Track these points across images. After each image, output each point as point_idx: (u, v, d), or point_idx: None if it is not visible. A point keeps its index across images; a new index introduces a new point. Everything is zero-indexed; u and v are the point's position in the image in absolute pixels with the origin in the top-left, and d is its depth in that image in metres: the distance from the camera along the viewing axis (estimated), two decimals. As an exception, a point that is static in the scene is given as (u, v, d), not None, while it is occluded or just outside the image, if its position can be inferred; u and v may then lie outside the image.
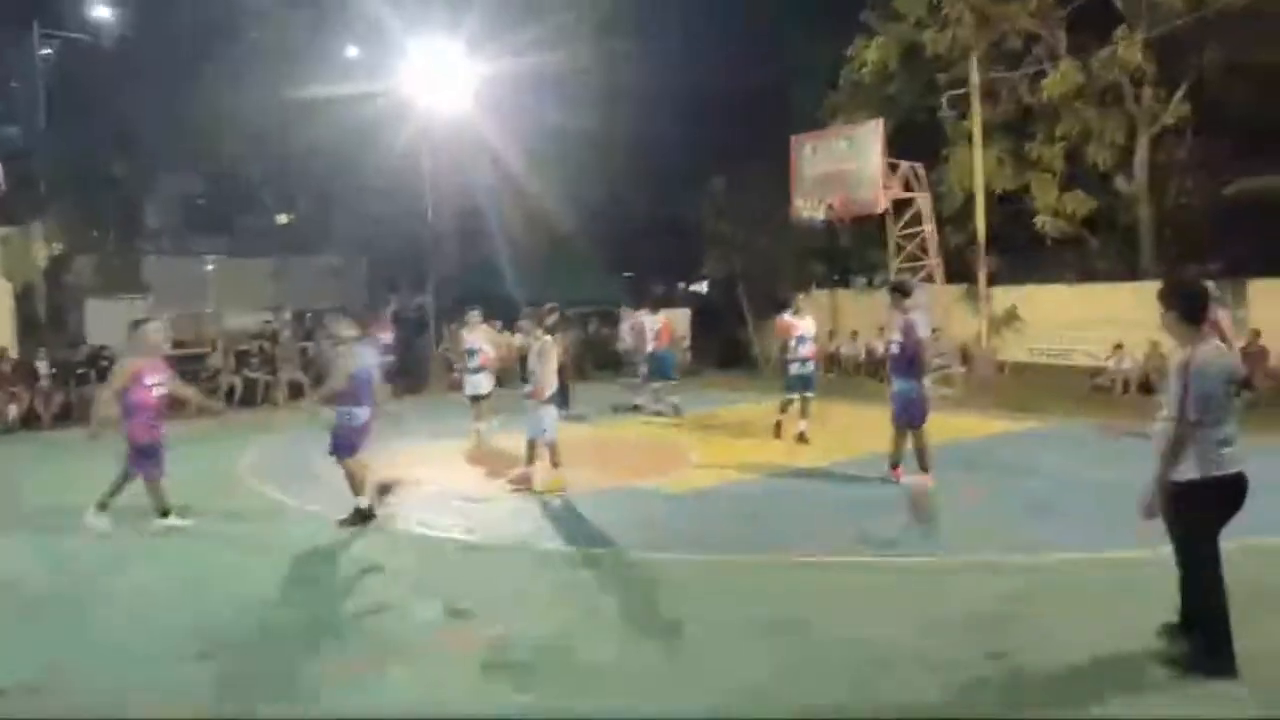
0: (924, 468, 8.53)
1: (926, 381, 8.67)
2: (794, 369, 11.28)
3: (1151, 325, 5.79)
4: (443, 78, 19.37)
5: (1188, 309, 4.27)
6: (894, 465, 8.72)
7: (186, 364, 17.49)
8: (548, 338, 8.99)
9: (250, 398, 16.92)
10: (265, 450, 11.90)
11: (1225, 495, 4.23)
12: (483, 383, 11.63)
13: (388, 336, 16.94)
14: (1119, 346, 15.64)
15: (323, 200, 26.04)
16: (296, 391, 16.77)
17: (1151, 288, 4.04)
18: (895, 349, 8.59)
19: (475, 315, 12.02)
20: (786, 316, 11.52)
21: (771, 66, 24.59)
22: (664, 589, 5.90)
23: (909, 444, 8.62)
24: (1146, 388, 14.11)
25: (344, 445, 7.59)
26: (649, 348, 14.88)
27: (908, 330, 8.38)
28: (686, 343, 21.73)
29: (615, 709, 4.19)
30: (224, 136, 24.09)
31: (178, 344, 19.96)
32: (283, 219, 28.26)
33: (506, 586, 5.97)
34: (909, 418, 8.51)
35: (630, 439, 12.41)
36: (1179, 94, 17.72)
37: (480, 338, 11.84)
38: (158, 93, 23.29)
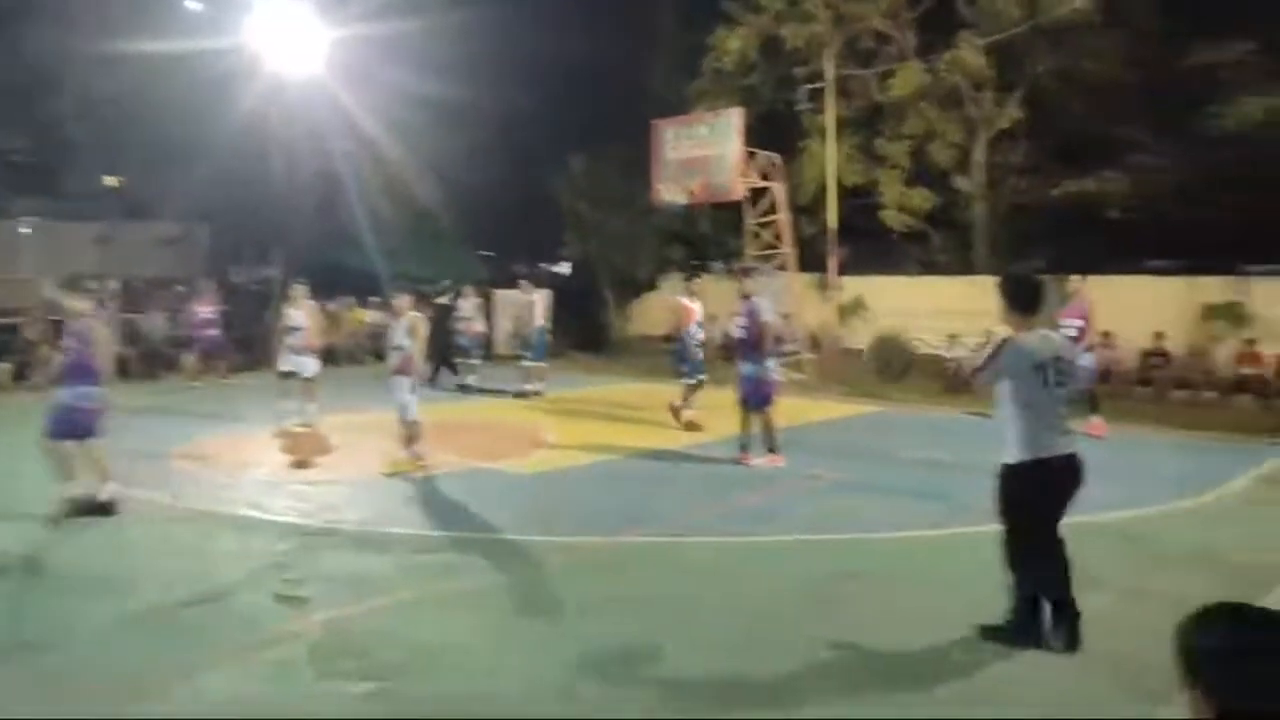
0: (771, 449, 8.78)
1: (771, 364, 8.85)
2: (699, 354, 11.19)
3: (985, 316, 6.12)
4: (292, 37, 18.33)
5: (1016, 299, 4.56)
6: (743, 448, 8.87)
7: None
8: (415, 313, 8.84)
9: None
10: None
11: (1040, 478, 4.42)
12: (309, 363, 10.90)
13: (207, 310, 16.06)
14: (953, 336, 16.54)
15: (159, 163, 24.25)
16: (121, 367, 15.60)
17: (985, 281, 4.36)
18: (741, 332, 8.83)
19: (302, 289, 11.24)
20: (684, 300, 11.37)
21: (636, 47, 24.61)
22: (508, 570, 5.81)
23: (756, 427, 8.83)
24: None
25: (62, 428, 6.90)
26: (539, 324, 14.75)
27: (751, 314, 8.70)
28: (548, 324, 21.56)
29: (455, 694, 4.08)
30: (48, 90, 22.07)
31: (-9, 312, 18.26)
32: (112, 181, 26.18)
33: (346, 572, 5.72)
34: (756, 400, 8.73)
35: (486, 420, 12.19)
36: (1014, 99, 18.86)
37: (306, 314, 11.10)
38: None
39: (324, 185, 24.22)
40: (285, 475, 8.45)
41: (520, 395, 13.95)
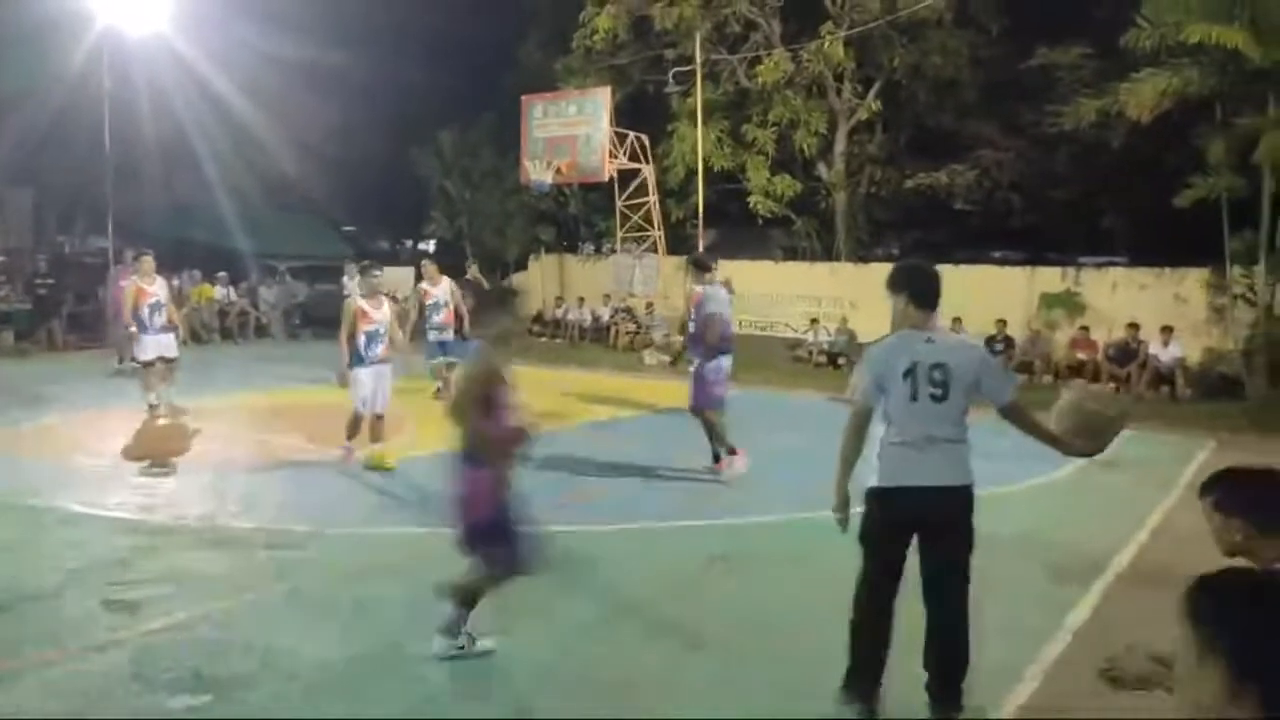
0: (729, 450, 7.88)
1: (724, 363, 7.92)
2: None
3: (844, 302, 6.25)
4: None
5: (905, 292, 3.75)
6: (716, 459, 7.95)
7: None
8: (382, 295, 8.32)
9: None
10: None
11: (886, 513, 3.62)
12: (171, 343, 10.05)
13: None
14: (815, 321, 17.03)
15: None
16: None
17: (845, 268, 4.29)
18: (692, 326, 8.06)
19: (148, 261, 10.15)
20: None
21: (506, 17, 24.02)
22: (348, 567, 5.55)
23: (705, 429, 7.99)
24: (834, 360, 15.50)
25: None
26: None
27: (698, 304, 7.87)
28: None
29: (297, 704, 3.84)
30: None
31: None
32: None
33: (182, 570, 5.34)
34: (701, 402, 7.86)
35: (337, 405, 11.65)
36: (873, 92, 19.50)
37: (160, 288, 10.18)
38: None
39: (168, 151, 22.57)
40: (125, 466, 7.81)
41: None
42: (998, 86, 18.91)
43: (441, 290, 11.24)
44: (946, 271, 4.21)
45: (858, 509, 3.72)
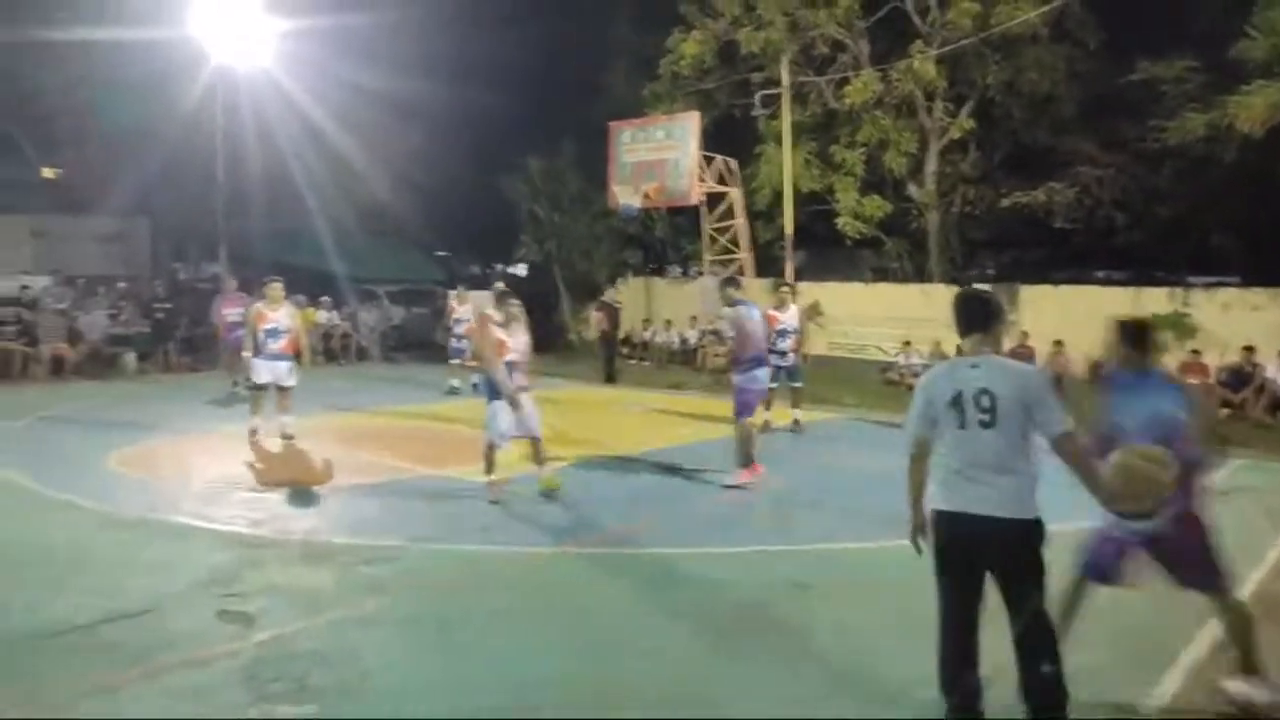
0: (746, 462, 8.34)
1: (760, 374, 8.55)
2: (776, 360, 10.76)
3: (937, 324, 6.14)
4: (240, 28, 17.91)
5: (957, 318, 3.76)
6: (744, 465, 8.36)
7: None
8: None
9: (6, 371, 15.09)
10: (18, 432, 10.62)
11: (942, 536, 3.61)
12: (287, 370, 10.00)
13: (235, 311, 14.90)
14: (907, 343, 16.70)
15: (99, 156, 23.51)
16: (59, 366, 15.13)
17: (938, 289, 4.22)
18: (730, 342, 8.65)
19: (275, 288, 10.13)
20: (771, 310, 10.93)
21: (594, 47, 24.50)
22: (450, 583, 5.68)
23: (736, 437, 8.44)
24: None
25: None
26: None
27: (735, 323, 8.46)
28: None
29: (398, 714, 3.94)
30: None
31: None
32: (48, 173, 25.32)
33: (286, 583, 5.54)
34: (738, 410, 8.37)
35: (435, 424, 11.98)
36: (965, 109, 19.14)
37: (286, 315, 10.11)
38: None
39: (272, 181, 23.68)
40: (235, 482, 8.18)
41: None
42: (1096, 101, 18.35)
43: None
44: (1046, 293, 4.18)
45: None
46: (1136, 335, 4.18)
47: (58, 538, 6.43)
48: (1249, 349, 13.00)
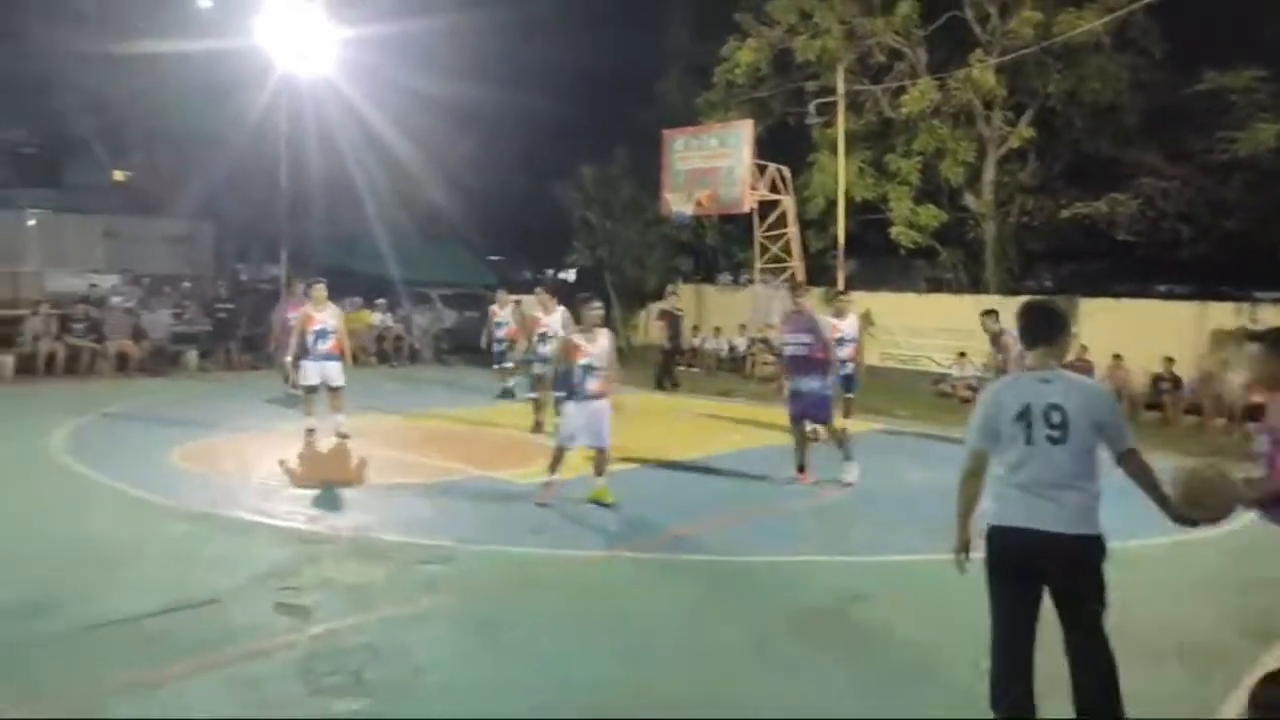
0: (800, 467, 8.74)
1: (815, 383, 8.61)
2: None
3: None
4: (303, 37, 18.35)
5: (1022, 331, 3.73)
6: (800, 468, 8.71)
7: (2, 326, 16.01)
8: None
9: (74, 367, 15.61)
10: (85, 426, 10.97)
11: (999, 553, 3.53)
12: (336, 371, 10.10)
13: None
14: (962, 355, 16.46)
15: (167, 160, 24.27)
16: (124, 363, 15.61)
17: (994, 300, 4.16)
18: (803, 349, 8.57)
19: (320, 290, 10.22)
20: (831, 319, 10.33)
21: (648, 55, 24.61)
22: (500, 584, 5.75)
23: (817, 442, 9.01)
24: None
25: None
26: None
27: (813, 329, 8.55)
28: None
29: (453, 712, 3.99)
30: (58, 83, 22.08)
31: (-6, 303, 18.25)
32: (119, 176, 26.18)
33: (340, 579, 5.65)
34: (822, 415, 8.69)
35: (488, 427, 12.12)
36: (1025, 119, 18.83)
37: (331, 316, 10.20)
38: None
39: (331, 186, 24.21)
40: (291, 479, 8.37)
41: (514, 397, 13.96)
42: (1161, 111, 17.91)
43: (554, 320, 11.14)
44: (1106, 306, 4.05)
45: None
46: None
47: (123, 530, 6.63)
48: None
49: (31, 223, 21.12)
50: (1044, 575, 3.46)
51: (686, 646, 4.81)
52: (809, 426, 8.93)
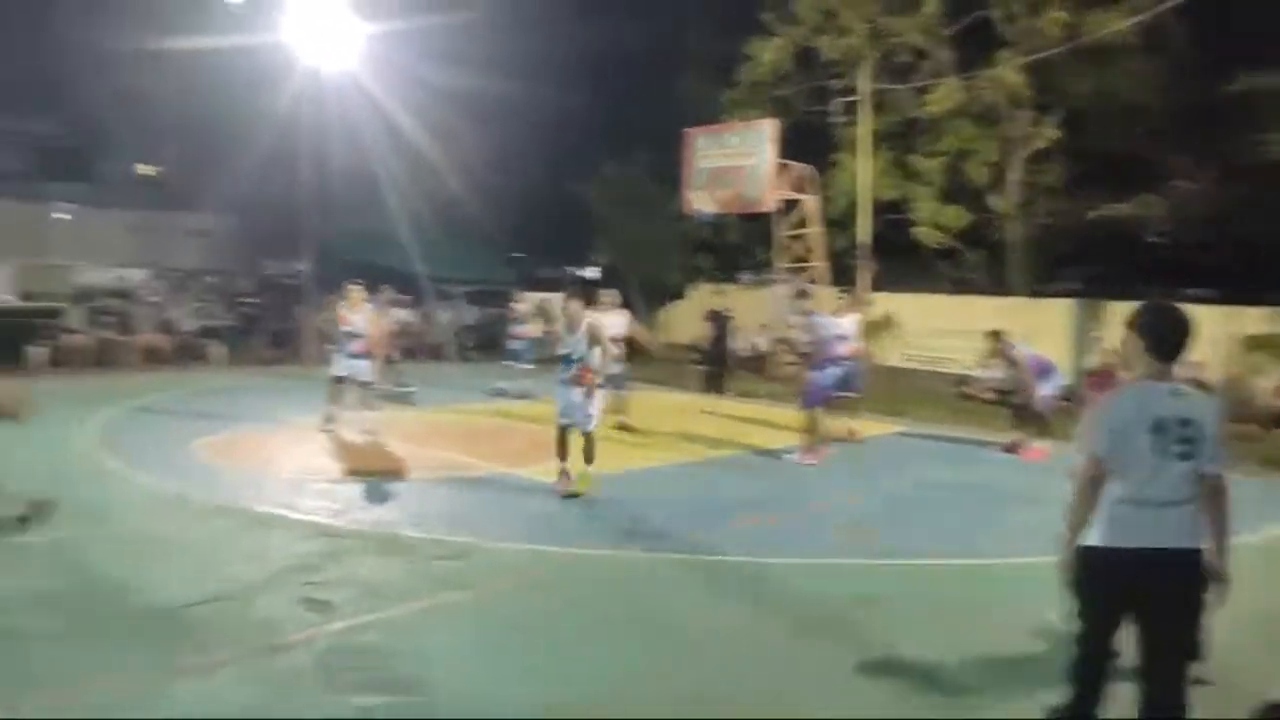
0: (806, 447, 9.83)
1: (832, 371, 9.90)
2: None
3: (1016, 337, 6.00)
4: (327, 32, 18.47)
5: (1151, 338, 3.42)
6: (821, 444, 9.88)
7: (33, 318, 16.24)
8: (594, 318, 8.36)
9: (104, 359, 15.81)
10: (115, 419, 11.10)
11: (1111, 574, 3.37)
12: (364, 366, 10.34)
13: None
14: (990, 357, 16.30)
15: (193, 154, 24.54)
16: (152, 355, 15.79)
17: (1017, 302, 4.10)
18: (806, 347, 10.24)
19: (358, 291, 10.52)
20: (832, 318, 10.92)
21: (669, 52, 24.57)
22: (519, 581, 5.76)
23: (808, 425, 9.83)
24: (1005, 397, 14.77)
25: None
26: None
27: (810, 328, 10.14)
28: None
29: (470, 710, 4.02)
30: (88, 77, 22.41)
31: (25, 296, 18.53)
32: (147, 171, 26.50)
33: (362, 575, 5.69)
34: (810, 399, 9.86)
35: (505, 424, 12.16)
36: (1051, 119, 18.63)
37: (363, 319, 10.43)
38: (11, 24, 21.47)
39: (355, 181, 24.38)
40: (314, 473, 8.45)
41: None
42: (1192, 113, 17.64)
43: (618, 322, 11.24)
44: (1131, 308, 3.88)
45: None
46: None
47: (150, 523, 6.70)
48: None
49: (61, 216, 21.42)
50: (1144, 593, 3.32)
51: (706, 646, 4.81)
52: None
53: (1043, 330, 14.84)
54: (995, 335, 10.94)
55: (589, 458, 8.00)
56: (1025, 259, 19.49)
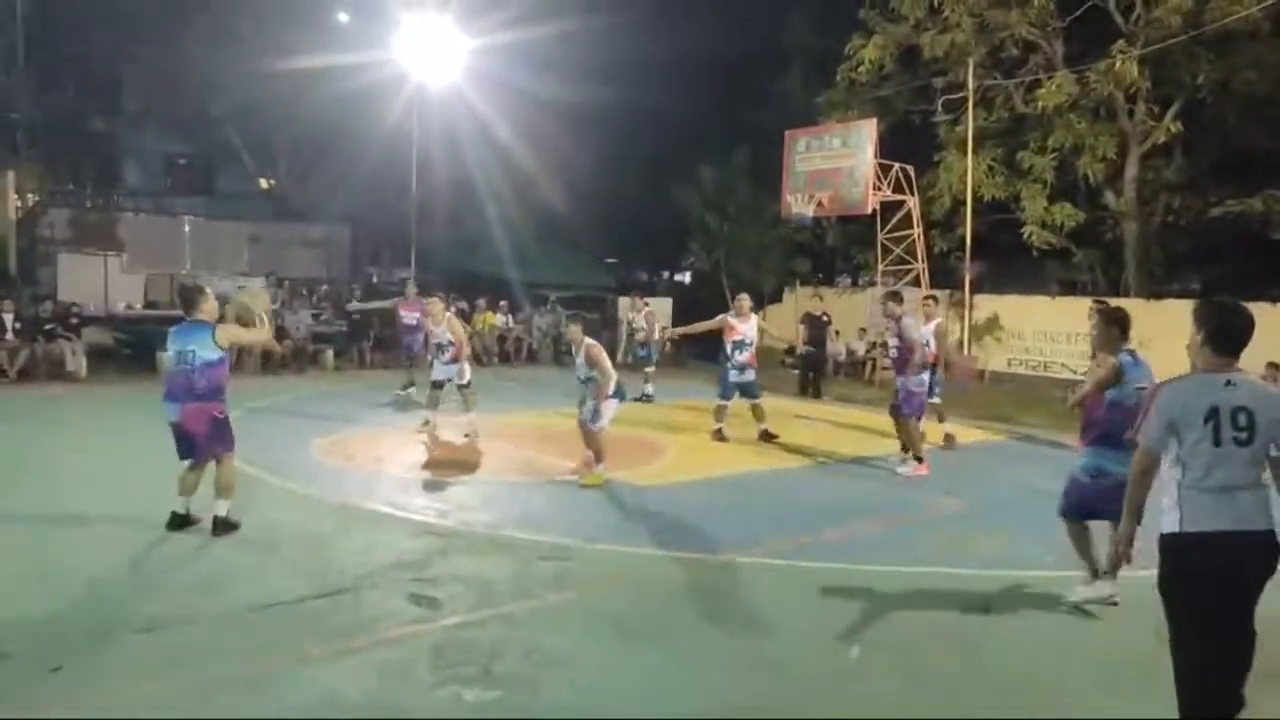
0: (916, 457, 9.45)
1: (925, 377, 9.75)
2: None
3: (1133, 341, 5.75)
4: (433, 48, 19.06)
5: (1214, 333, 3.54)
6: (916, 457, 9.48)
7: (160, 325, 17.23)
8: (595, 344, 8.71)
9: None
10: (234, 420, 11.65)
11: (1198, 559, 3.37)
12: (461, 370, 10.73)
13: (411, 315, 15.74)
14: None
15: (307, 167, 25.68)
16: (268, 361, 16.54)
17: (1133, 305, 3.92)
18: (894, 352, 9.82)
19: (435, 304, 11.01)
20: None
21: (767, 53, 24.42)
22: (622, 583, 5.83)
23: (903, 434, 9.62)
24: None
25: None
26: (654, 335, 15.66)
27: (901, 333, 9.61)
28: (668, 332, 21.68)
29: (575, 708, 4.09)
30: (210, 97, 23.70)
31: (150, 304, 19.69)
32: (264, 184, 27.84)
33: (470, 572, 5.86)
34: (906, 409, 9.54)
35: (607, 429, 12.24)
36: (1171, 112, 17.76)
37: (447, 329, 10.77)
38: (143, 48, 22.90)
39: (457, 191, 25.08)
40: (422, 473, 8.73)
41: (642, 399, 14.11)
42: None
43: (750, 328, 11.37)
44: (1260, 310, 3.77)
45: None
46: None
47: (268, 519, 7.03)
48: None
49: (186, 228, 22.70)
50: (1227, 576, 3.34)
51: (807, 654, 4.78)
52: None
53: (1162, 334, 14.13)
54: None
55: (598, 456, 8.46)
56: (1143, 259, 18.64)
